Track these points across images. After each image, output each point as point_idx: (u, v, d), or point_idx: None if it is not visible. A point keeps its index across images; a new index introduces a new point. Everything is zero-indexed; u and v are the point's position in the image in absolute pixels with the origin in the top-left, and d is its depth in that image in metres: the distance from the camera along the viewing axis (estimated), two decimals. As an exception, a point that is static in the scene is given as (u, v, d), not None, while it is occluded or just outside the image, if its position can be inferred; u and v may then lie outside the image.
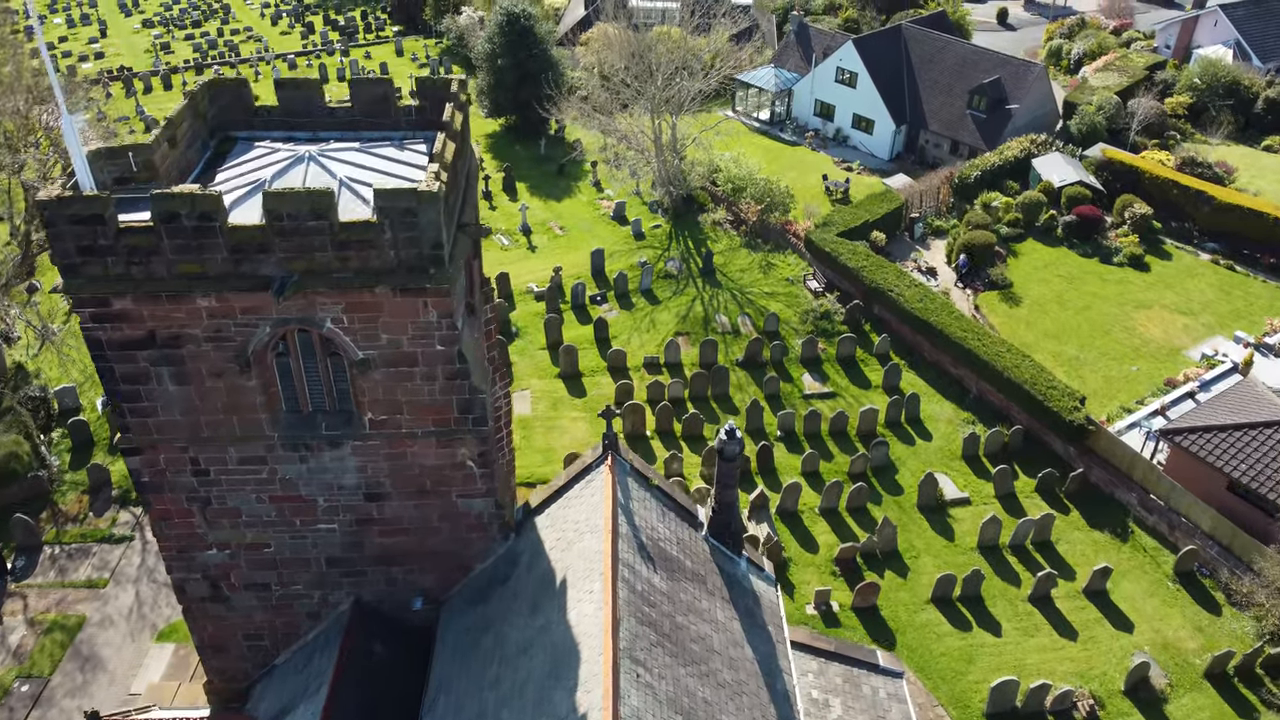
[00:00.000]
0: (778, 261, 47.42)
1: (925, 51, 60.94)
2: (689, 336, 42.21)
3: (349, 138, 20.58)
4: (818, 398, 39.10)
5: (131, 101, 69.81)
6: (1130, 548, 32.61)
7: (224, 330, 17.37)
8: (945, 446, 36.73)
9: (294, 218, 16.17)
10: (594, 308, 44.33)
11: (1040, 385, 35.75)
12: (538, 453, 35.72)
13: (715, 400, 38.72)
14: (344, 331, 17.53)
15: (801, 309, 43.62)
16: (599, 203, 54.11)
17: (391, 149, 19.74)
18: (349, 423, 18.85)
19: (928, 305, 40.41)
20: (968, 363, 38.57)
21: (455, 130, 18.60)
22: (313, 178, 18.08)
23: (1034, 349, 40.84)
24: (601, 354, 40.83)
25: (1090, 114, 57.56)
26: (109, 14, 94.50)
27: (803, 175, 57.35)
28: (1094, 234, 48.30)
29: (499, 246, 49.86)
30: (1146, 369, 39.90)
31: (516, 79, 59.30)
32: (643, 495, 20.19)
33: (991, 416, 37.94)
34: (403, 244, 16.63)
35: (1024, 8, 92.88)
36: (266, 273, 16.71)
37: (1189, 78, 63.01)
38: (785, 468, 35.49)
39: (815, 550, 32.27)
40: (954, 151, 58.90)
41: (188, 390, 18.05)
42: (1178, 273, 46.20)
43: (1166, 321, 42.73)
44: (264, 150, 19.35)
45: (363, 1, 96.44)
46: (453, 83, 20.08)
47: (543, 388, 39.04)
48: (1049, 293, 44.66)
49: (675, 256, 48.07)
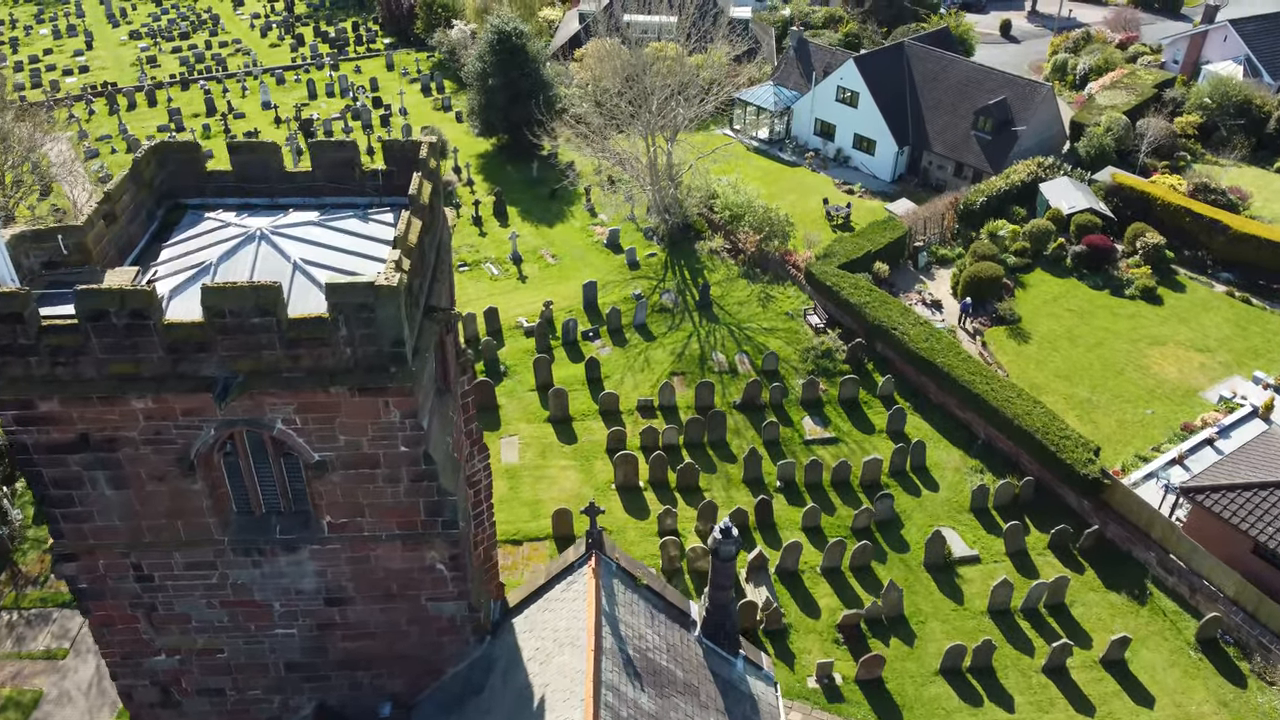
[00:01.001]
0: (777, 294, 45.70)
1: (928, 70, 59.24)
2: (684, 377, 40.50)
3: (310, 204, 18.91)
4: (819, 443, 37.38)
5: (115, 119, 67.98)
6: (1149, 611, 30.92)
7: (164, 432, 15.68)
8: (953, 498, 35.03)
9: (237, 314, 14.48)
10: (586, 344, 42.62)
11: (1052, 435, 34.05)
12: (525, 506, 34.01)
13: (712, 447, 37.00)
14: (297, 433, 15.84)
15: (802, 346, 41.92)
16: (592, 229, 52.39)
17: (355, 221, 18.04)
18: (306, 525, 17.16)
19: (933, 345, 38.70)
20: (975, 407, 36.88)
21: (422, 205, 16.89)
22: (263, 261, 16.37)
23: (1044, 390, 39.17)
24: (593, 396, 39.13)
25: (1099, 136, 55.89)
26: (96, 24, 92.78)
27: (803, 198, 55.66)
28: (1105, 264, 46.60)
29: (489, 276, 48.16)
30: (1162, 412, 38.21)
31: (508, 99, 57.57)
32: (630, 598, 18.48)
33: (1001, 464, 36.25)
34: (360, 341, 14.94)
35: (1027, 19, 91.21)
36: (208, 373, 15.01)
37: (1199, 96, 61.34)
38: (785, 522, 33.79)
39: (817, 615, 30.57)
40: (958, 174, 57.21)
41: (126, 494, 16.37)
42: (1192, 306, 44.51)
43: (1182, 359, 41.04)
44: (214, 224, 17.64)
45: (354, 12, 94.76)
46: (422, 146, 18.36)
47: (531, 433, 37.32)
48: (1059, 328, 42.96)
49: (671, 288, 46.36)
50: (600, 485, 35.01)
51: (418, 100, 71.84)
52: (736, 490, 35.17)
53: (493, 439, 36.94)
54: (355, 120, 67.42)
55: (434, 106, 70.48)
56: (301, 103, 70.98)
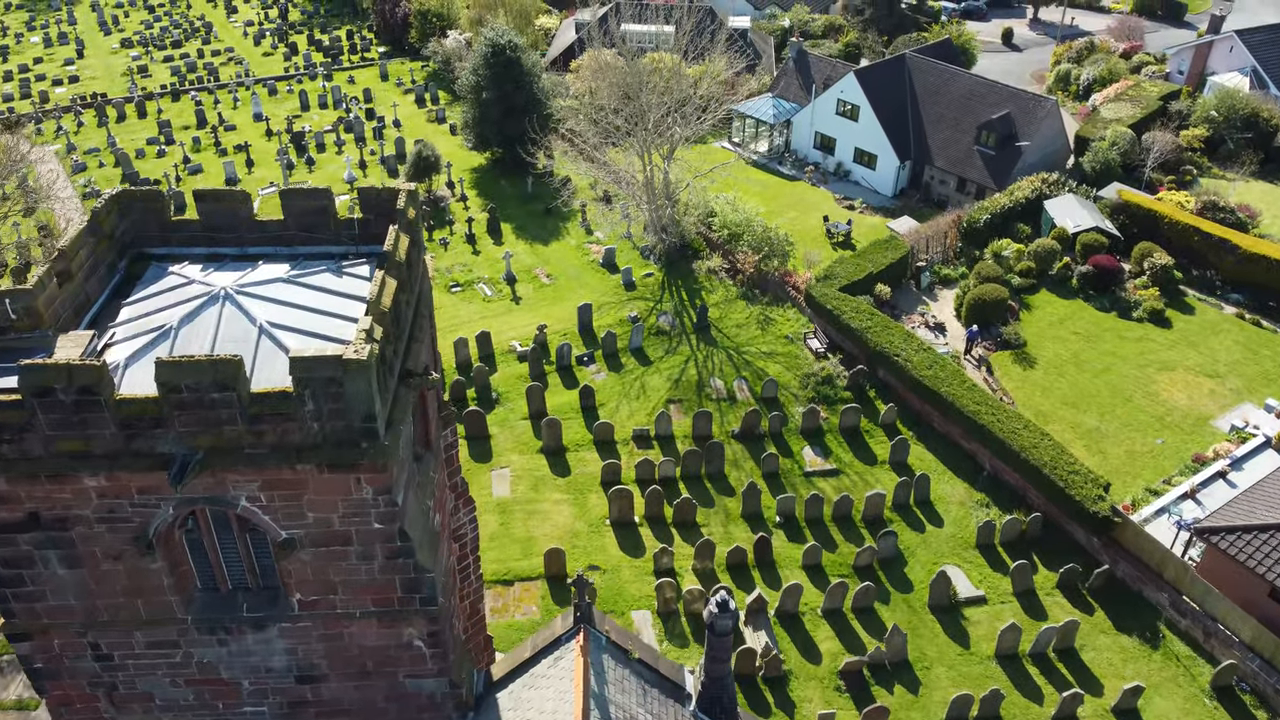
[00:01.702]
0: (776, 316, 44.65)
1: (930, 83, 58.20)
2: (681, 405, 39.44)
3: (282, 255, 17.85)
4: (820, 475, 36.33)
5: (104, 131, 66.86)
6: (1162, 656, 29.87)
7: (118, 511, 14.60)
8: (958, 534, 33.98)
9: (195, 389, 13.42)
10: (580, 370, 41.59)
11: (1061, 469, 33.00)
12: (516, 543, 32.94)
13: (710, 479, 35.96)
14: (262, 510, 14.76)
15: (802, 372, 40.87)
16: (588, 247, 51.32)
17: (327, 276, 16.97)
18: (275, 602, 16.09)
19: (937, 373, 37.66)
20: (980, 437, 35.85)
21: (398, 263, 15.82)
22: (227, 323, 15.31)
23: (1051, 418, 38.13)
24: (588, 425, 38.07)
25: (1104, 150, 54.86)
26: (88, 32, 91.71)
27: (803, 214, 54.65)
28: (1111, 285, 45.55)
29: (482, 297, 47.09)
30: (1172, 442, 37.16)
31: (502, 112, 56.52)
32: (620, 674, 17.42)
33: (1007, 498, 35.20)
34: (328, 416, 13.88)
35: (1029, 26, 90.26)
36: (165, 450, 13.96)
37: (1205, 109, 60.35)
38: (785, 560, 32.74)
39: (818, 660, 29.52)
40: (961, 189, 56.18)
41: (80, 574, 15.29)
42: (1201, 329, 43.45)
43: (1191, 386, 40.00)
44: (177, 280, 16.55)
45: (349, 20, 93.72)
46: (400, 195, 17.30)
47: (523, 465, 36.26)
48: (1065, 352, 41.91)
49: (668, 310, 45.30)
50: (594, 521, 33.96)
51: (412, 111, 70.78)
52: (735, 525, 34.13)
53: (483, 471, 35.95)
54: (348, 133, 66.37)
55: (428, 118, 69.42)
56: (294, 114, 69.92)
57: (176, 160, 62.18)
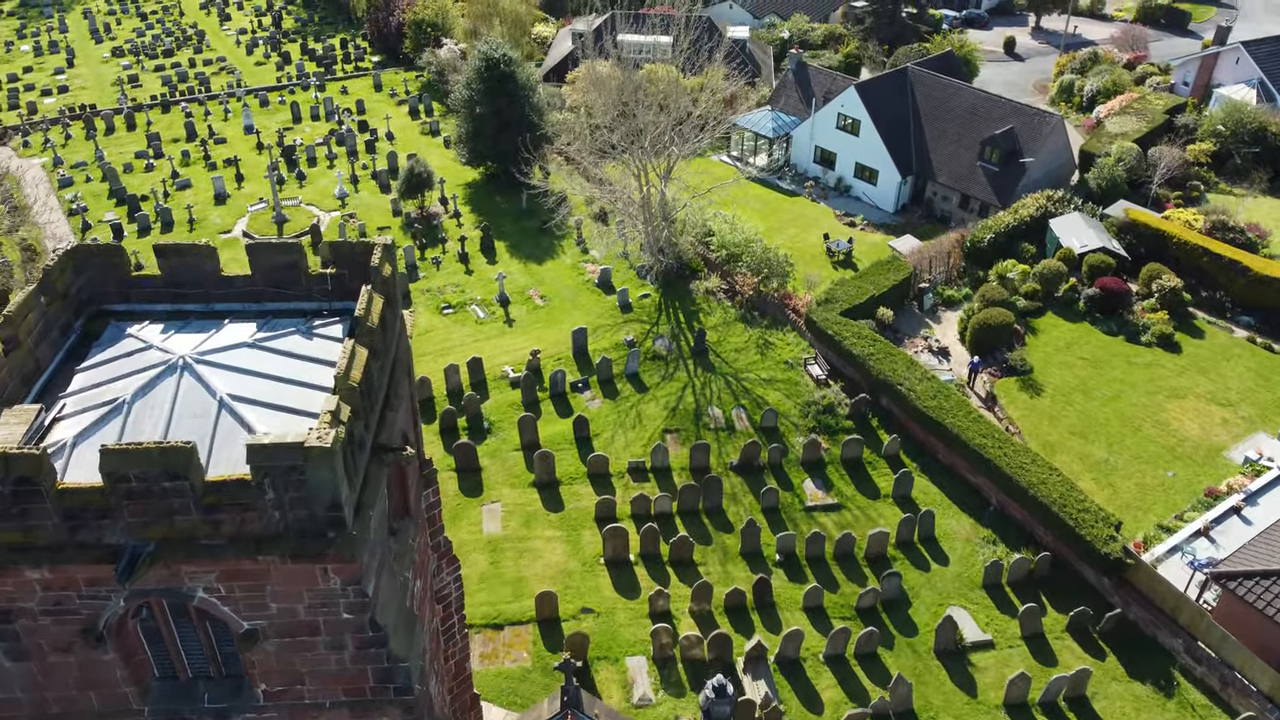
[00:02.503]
0: (776, 340, 43.56)
1: (933, 98, 57.13)
2: (678, 434, 38.34)
3: (250, 313, 16.75)
4: (821, 510, 35.23)
5: (91, 145, 65.69)
6: (1177, 705, 28.77)
7: (66, 603, 13.49)
8: (964, 572, 32.89)
9: (143, 479, 12.34)
10: (575, 396, 40.47)
11: (1070, 507, 31.91)
12: (507, 585, 31.81)
13: (707, 514, 34.85)
14: (222, 601, 13.64)
15: (802, 400, 39.76)
16: (583, 266, 50.22)
17: (296, 338, 15.86)
18: (238, 693, 14.97)
19: (941, 404, 36.56)
20: (986, 471, 34.77)
21: (370, 328, 14.72)
22: (185, 396, 14.20)
23: (1059, 450, 37.05)
24: (582, 457, 36.95)
25: (1110, 166, 53.76)
26: (79, 40, 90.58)
27: (803, 232, 53.59)
28: (1119, 308, 44.46)
29: (474, 320, 45.96)
30: (1184, 474, 36.08)
31: (496, 127, 55.40)
32: (611, 763, 16.30)
33: (1015, 534, 34.11)
34: (290, 505, 12.77)
35: (1031, 35, 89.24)
36: (113, 541, 12.86)
37: (1212, 123, 59.29)
38: (786, 601, 31.62)
39: (820, 710, 28.40)
40: (964, 206, 55.12)
41: (28, 666, 14.19)
42: (1212, 354, 42.37)
43: (1203, 414, 38.92)
44: (135, 345, 15.44)
45: (343, 28, 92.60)
46: (375, 250, 16.19)
47: (515, 500, 35.14)
48: (1072, 379, 40.82)
49: (664, 334, 44.18)
50: (588, 559, 32.84)
51: (405, 123, 69.67)
52: (733, 564, 33.01)
53: (474, 506, 34.85)
54: (340, 146, 65.27)
55: (421, 130, 68.32)
56: (285, 126, 68.80)
57: (165, 175, 61.06)
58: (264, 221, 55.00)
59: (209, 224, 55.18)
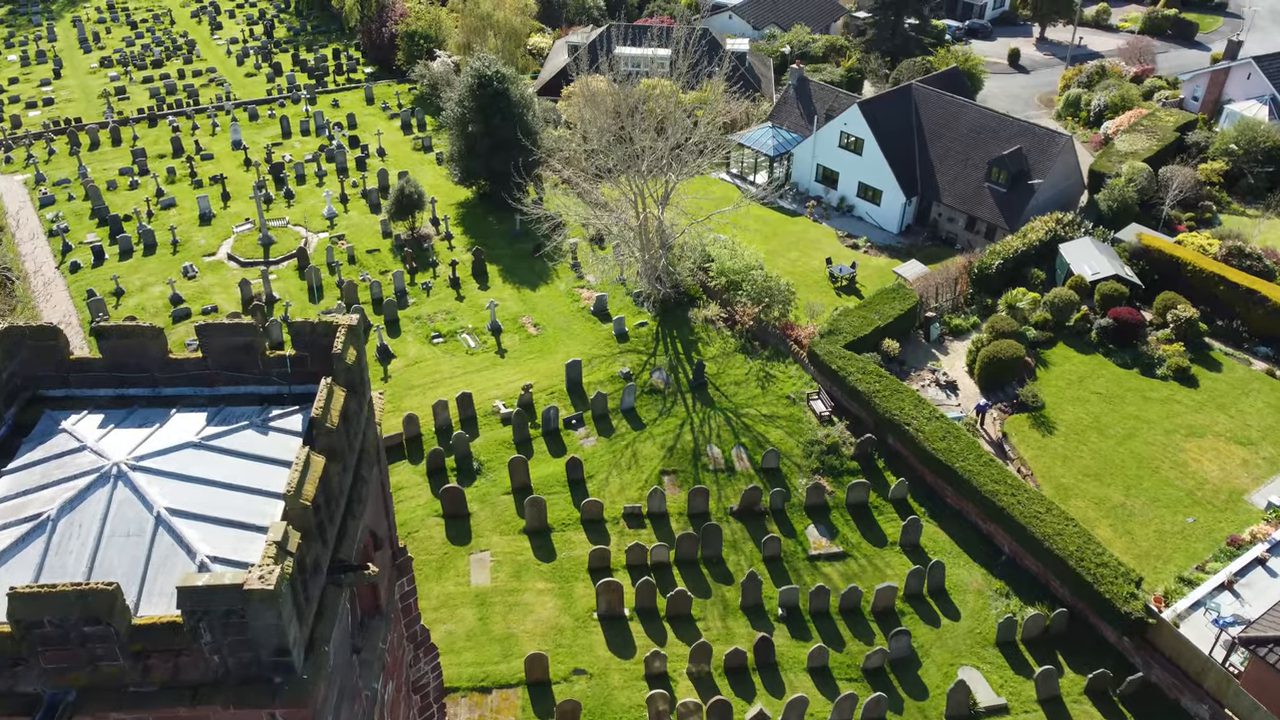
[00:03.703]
0: (778, 373, 41.99)
1: (938, 116, 55.58)
2: (676, 476, 36.75)
3: (201, 399, 15.19)
4: (825, 559, 33.65)
5: (75, 160, 64.00)
6: (1203, 777, 27.24)
7: (-21, 752, 11.94)
8: (976, 628, 31.31)
9: (60, 625, 10.77)
10: (568, 434, 38.88)
11: (1088, 561, 30.34)
12: (495, 643, 30.21)
13: (706, 564, 33.27)
14: (157, 748, 12.09)
15: (805, 438, 38.19)
16: (578, 292, 48.61)
17: (250, 434, 14.27)
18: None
19: (951, 446, 35.00)
20: (998, 519, 33.22)
21: (329, 430, 13.13)
22: (118, 513, 12.61)
23: (1073, 493, 35.50)
24: (575, 501, 35.36)
25: (1120, 188, 52.23)
26: (67, 49, 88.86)
27: (805, 255, 52.03)
28: (1133, 339, 42.90)
29: (465, 350, 44.36)
30: (1205, 520, 34.52)
31: (488, 146, 53.78)
32: None
33: (1028, 586, 32.55)
34: (230, 648, 11.22)
35: (1036, 46, 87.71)
36: (29, 690, 11.30)
37: (1225, 141, 57.72)
38: (789, 662, 30.02)
39: (825, 783, 26.85)
40: (970, 228, 53.58)
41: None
42: (1230, 388, 40.81)
43: (1223, 455, 37.36)
44: (68, 443, 13.86)
45: (336, 38, 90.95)
46: (339, 332, 14.61)
47: (505, 548, 33.54)
48: (1086, 416, 39.25)
49: (662, 365, 42.59)
50: (581, 615, 31.24)
51: (397, 139, 68.07)
52: (734, 619, 31.43)
53: (462, 555, 33.26)
54: (329, 162, 63.63)
55: (414, 146, 66.72)
56: (274, 141, 67.17)
57: (149, 193, 59.44)
58: (250, 244, 53.38)
59: (193, 245, 53.55)
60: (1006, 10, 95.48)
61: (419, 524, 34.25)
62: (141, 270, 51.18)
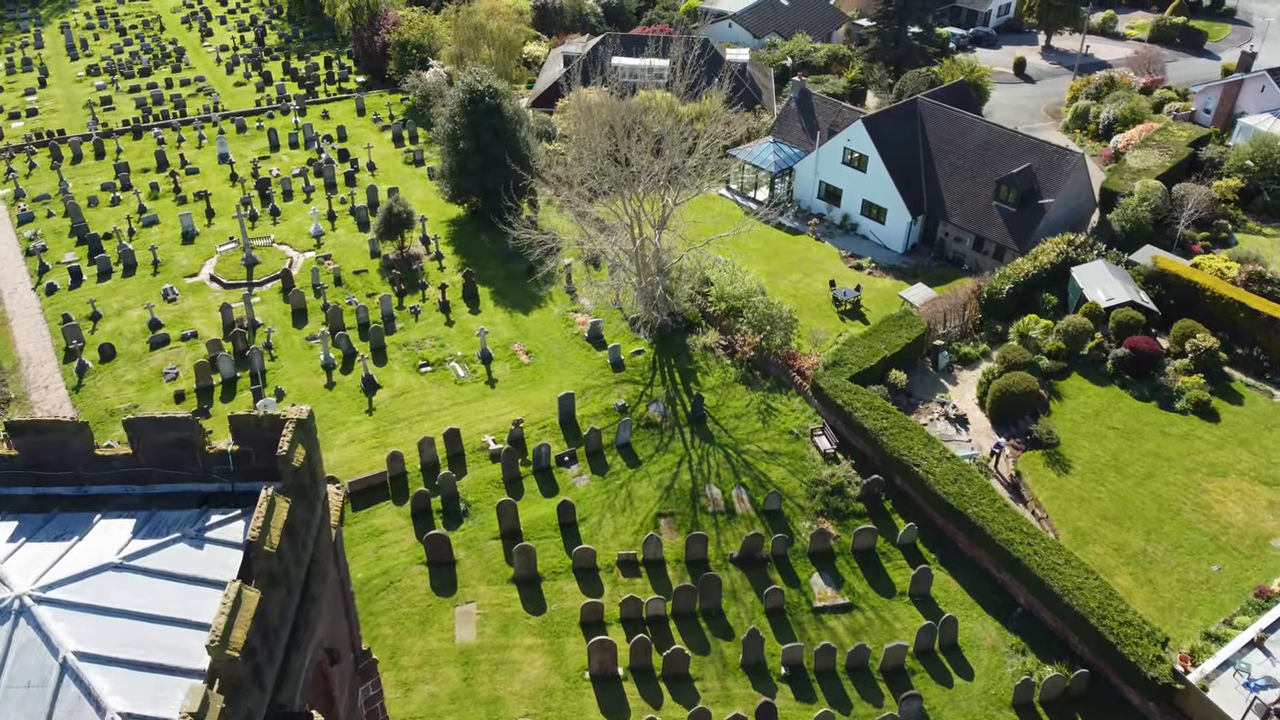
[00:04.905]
0: (780, 405, 40.21)
1: (945, 132, 53.80)
2: (673, 519, 34.98)
3: (133, 497, 13.43)
4: (831, 611, 31.86)
5: (56, 175, 62.11)
6: None
7: None
8: (991, 688, 29.53)
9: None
10: (560, 472, 37.10)
11: (1111, 619, 28.57)
12: (481, 706, 28.43)
13: (704, 617, 31.48)
14: None
15: (809, 478, 36.41)
16: (572, 316, 46.80)
17: (181, 548, 12.50)
18: None
19: (963, 489, 33.23)
20: (1013, 570, 31.45)
21: (266, 553, 11.34)
22: (18, 658, 10.82)
23: (1091, 539, 33.72)
24: (566, 547, 33.58)
25: (1133, 207, 50.46)
26: (54, 57, 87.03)
27: (807, 277, 50.25)
28: (1150, 369, 41.12)
29: (454, 379, 42.56)
30: (1230, 569, 32.74)
31: (480, 163, 51.98)
32: None
33: (1045, 641, 30.77)
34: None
35: (1042, 55, 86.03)
36: None
37: (1239, 157, 55.96)
38: (792, 727, 28.27)
39: None
40: (978, 248, 51.81)
41: None
42: (1252, 422, 39.05)
43: (1247, 496, 35.59)
44: (-30, 563, 12.10)
45: (328, 45, 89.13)
46: (286, 429, 12.83)
47: (492, 599, 31.74)
48: (1103, 453, 37.47)
49: (659, 397, 40.80)
50: (572, 674, 29.46)
51: (388, 152, 66.27)
52: (734, 679, 29.65)
53: (446, 608, 31.49)
54: (318, 177, 61.85)
55: (405, 160, 64.92)
56: (262, 155, 65.38)
57: (131, 210, 57.65)
58: (233, 264, 51.58)
59: (174, 266, 51.76)
60: (1011, 18, 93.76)
61: (401, 572, 32.46)
62: (120, 292, 49.39)
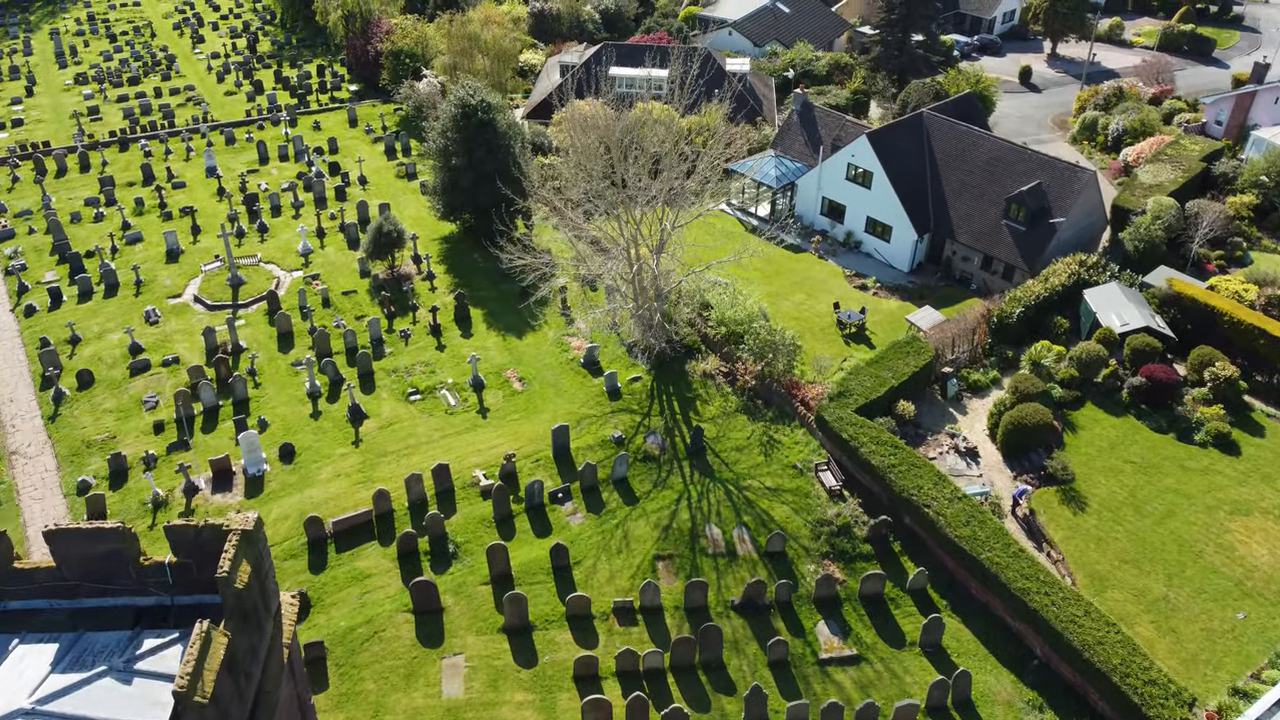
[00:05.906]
0: (783, 437, 38.67)
1: (951, 147, 52.27)
2: (672, 562, 33.43)
3: (59, 613, 11.87)
4: (838, 664, 30.30)
5: (39, 189, 60.50)
6: None
7: None
8: (1007, 749, 28.02)
9: None
10: (554, 510, 35.56)
11: (1135, 678, 27.03)
12: (468, 771, 26.91)
13: (705, 670, 29.92)
14: None
15: (813, 517, 34.88)
16: (567, 341, 45.22)
17: (109, 680, 10.93)
18: None
19: (976, 533, 31.68)
20: (1029, 620, 29.90)
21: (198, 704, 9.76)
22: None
23: (1109, 583, 32.18)
24: (560, 593, 32.03)
25: (1147, 226, 48.86)
26: (42, 64, 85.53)
27: (811, 298, 48.70)
28: (1168, 399, 39.57)
29: (444, 408, 41.01)
30: (1256, 616, 31.20)
31: (473, 180, 50.41)
32: None
33: (1064, 696, 29.22)
34: None
35: (1048, 63, 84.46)
36: None
37: (1254, 171, 54.40)
38: (797, 792, 26.73)
39: None
40: (986, 267, 50.28)
41: None
42: (1275, 456, 37.49)
43: (1272, 536, 34.05)
44: None
45: (321, 52, 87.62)
46: (229, 542, 11.27)
47: (481, 651, 30.18)
48: (1120, 490, 35.93)
49: (657, 429, 39.25)
50: (565, 734, 27.94)
51: (380, 165, 64.73)
52: (736, 738, 28.12)
53: (432, 660, 29.93)
54: (307, 192, 60.32)
55: (397, 173, 63.38)
56: (251, 168, 63.84)
57: (115, 226, 56.12)
58: (218, 284, 50.03)
59: (158, 286, 50.22)
60: (1016, 24, 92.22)
61: (386, 621, 30.91)
62: (101, 314, 47.85)
